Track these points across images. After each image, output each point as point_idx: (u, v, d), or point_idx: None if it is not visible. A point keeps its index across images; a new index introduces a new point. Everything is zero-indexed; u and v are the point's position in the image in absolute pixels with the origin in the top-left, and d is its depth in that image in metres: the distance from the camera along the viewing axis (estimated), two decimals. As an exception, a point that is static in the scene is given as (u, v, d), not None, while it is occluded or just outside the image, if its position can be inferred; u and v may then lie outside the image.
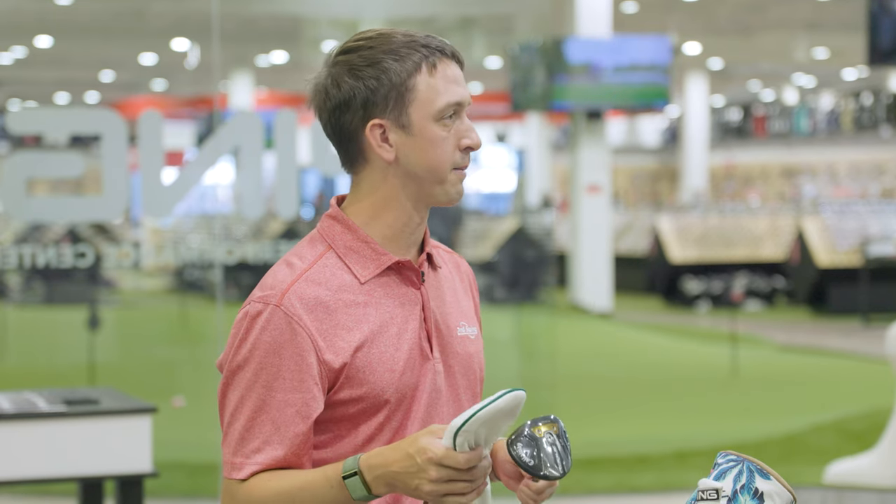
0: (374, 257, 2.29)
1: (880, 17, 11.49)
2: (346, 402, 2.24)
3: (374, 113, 2.25)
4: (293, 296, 2.22)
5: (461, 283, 2.45)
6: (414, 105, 2.24)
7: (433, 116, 2.25)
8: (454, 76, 2.26)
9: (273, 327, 2.21)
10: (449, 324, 2.35)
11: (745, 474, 2.11)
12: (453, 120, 2.26)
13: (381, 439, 2.26)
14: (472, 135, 2.28)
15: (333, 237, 2.30)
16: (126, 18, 17.03)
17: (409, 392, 2.27)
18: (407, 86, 2.24)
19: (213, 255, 7.40)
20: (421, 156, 2.26)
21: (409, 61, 2.23)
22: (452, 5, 15.69)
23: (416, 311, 2.30)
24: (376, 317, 2.26)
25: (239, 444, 2.21)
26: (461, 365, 2.36)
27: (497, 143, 35.05)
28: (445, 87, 2.25)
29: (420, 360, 2.29)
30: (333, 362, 2.21)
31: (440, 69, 2.25)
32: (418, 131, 2.25)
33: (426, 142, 2.25)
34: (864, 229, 17.88)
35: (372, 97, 2.24)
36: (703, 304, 18.83)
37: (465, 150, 2.28)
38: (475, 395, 2.40)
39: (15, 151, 7.53)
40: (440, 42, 2.27)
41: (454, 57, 2.28)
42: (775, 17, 21.20)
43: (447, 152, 2.26)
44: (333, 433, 2.26)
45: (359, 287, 2.27)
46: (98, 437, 4.31)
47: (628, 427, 9.57)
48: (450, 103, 2.25)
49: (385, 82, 2.23)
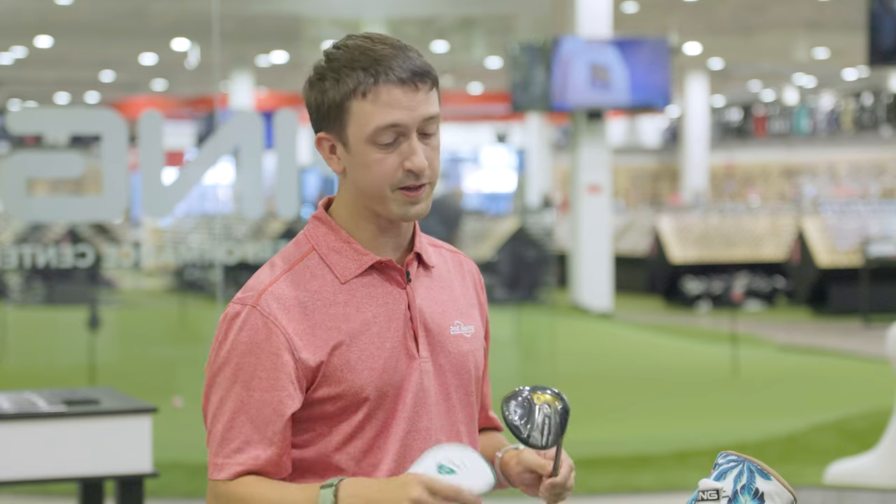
0: (356, 257, 2.31)
1: (881, 17, 11.49)
2: (324, 400, 2.26)
3: (321, 125, 2.30)
4: (269, 296, 2.26)
5: (462, 282, 2.45)
6: (350, 126, 2.26)
7: (366, 139, 2.25)
8: (391, 101, 2.24)
9: (249, 327, 2.24)
10: (441, 323, 2.36)
11: (745, 474, 2.11)
12: (398, 142, 2.25)
13: (363, 437, 2.27)
14: (415, 158, 2.25)
15: (317, 238, 2.33)
16: (126, 18, 17.02)
17: (393, 391, 2.28)
18: (342, 107, 2.26)
19: (213, 255, 7.40)
20: (359, 174, 2.28)
21: (345, 84, 2.25)
22: (452, 5, 15.69)
23: (400, 311, 2.31)
24: (357, 316, 2.28)
25: (220, 445, 2.24)
26: (453, 364, 2.36)
27: (497, 143, 35.06)
28: (378, 112, 2.23)
29: (405, 359, 2.30)
30: (310, 361, 2.24)
31: (374, 94, 2.23)
32: (355, 151, 2.27)
33: (362, 162, 2.27)
34: (865, 229, 17.88)
35: (318, 111, 2.29)
36: (704, 305, 18.83)
37: (409, 171, 2.27)
38: (468, 393, 2.40)
39: (15, 151, 7.53)
40: (394, 64, 2.24)
41: (404, 81, 2.24)
42: (775, 17, 21.19)
43: (385, 173, 2.26)
44: (313, 432, 2.28)
45: (339, 287, 2.29)
46: (98, 437, 4.31)
47: (628, 427, 9.57)
48: (380, 127, 2.24)
49: (326, 100, 2.27)
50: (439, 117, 2.29)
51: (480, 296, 2.49)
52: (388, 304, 2.31)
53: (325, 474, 2.27)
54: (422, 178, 2.26)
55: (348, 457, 2.27)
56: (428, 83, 2.26)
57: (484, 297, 2.51)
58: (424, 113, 2.26)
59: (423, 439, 2.31)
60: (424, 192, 2.28)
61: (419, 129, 2.26)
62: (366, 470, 2.27)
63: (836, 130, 29.82)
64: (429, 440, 2.31)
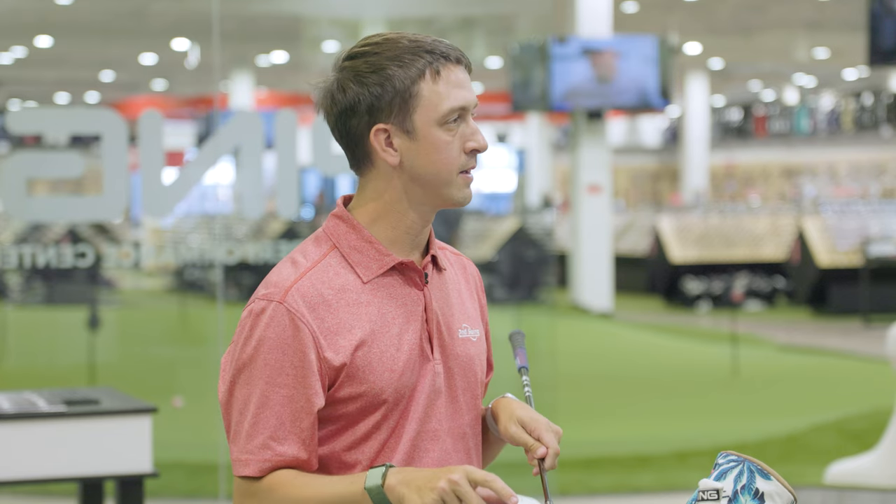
0: (378, 258, 2.30)
1: (881, 17, 11.48)
2: (345, 399, 2.26)
3: (378, 118, 2.27)
4: (296, 293, 2.25)
5: (467, 286, 2.46)
6: (418, 111, 2.26)
7: (437, 121, 2.27)
8: (458, 80, 2.28)
9: (276, 324, 2.23)
10: (451, 325, 2.37)
11: (745, 474, 2.11)
12: (458, 124, 2.28)
13: (377, 437, 2.28)
14: (478, 137, 2.30)
15: (338, 237, 2.32)
16: (126, 18, 17.01)
17: (408, 392, 2.29)
18: (410, 92, 2.26)
19: (213, 255, 7.39)
20: (426, 160, 2.28)
21: (413, 68, 2.25)
22: (452, 5, 15.68)
23: (418, 312, 2.32)
24: (378, 316, 2.28)
25: (247, 441, 2.24)
26: (461, 367, 2.37)
27: (497, 143, 35.05)
28: (449, 93, 2.27)
29: (420, 360, 2.31)
30: (333, 360, 2.24)
31: (444, 74, 2.27)
32: (423, 136, 2.27)
33: (430, 146, 2.27)
34: (865, 229, 17.87)
35: (376, 103, 2.26)
36: (704, 305, 18.83)
37: (471, 152, 2.30)
38: (475, 396, 2.41)
39: (15, 151, 7.52)
40: (446, 47, 2.29)
41: (460, 61, 2.29)
42: (775, 17, 21.19)
43: (452, 156, 2.28)
44: (331, 429, 2.28)
45: (361, 287, 2.29)
46: (98, 437, 4.31)
47: (628, 427, 9.57)
48: (453, 108, 2.27)
49: (389, 89, 2.25)
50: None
51: (481, 299, 2.51)
52: (408, 305, 2.31)
53: (338, 472, 2.28)
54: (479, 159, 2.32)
55: (361, 456, 2.28)
56: (469, 66, 2.32)
57: (484, 300, 2.52)
58: (475, 98, 2.32)
59: (431, 440, 2.31)
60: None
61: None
62: None
63: (836, 130, 29.82)
64: (437, 441, 2.32)
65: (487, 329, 2.50)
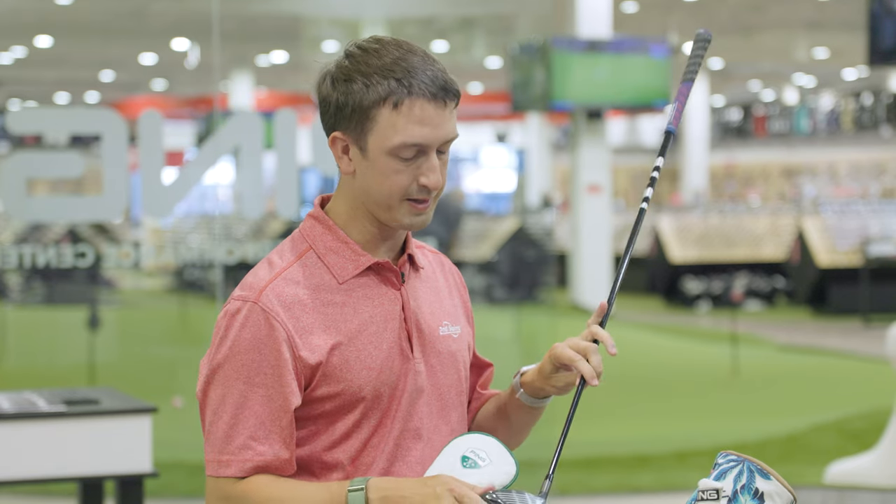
0: (353, 258, 2.31)
1: (881, 17, 11.48)
2: (322, 398, 2.26)
3: (339, 125, 2.26)
4: (271, 293, 2.25)
5: (446, 283, 2.46)
6: (372, 134, 2.23)
7: (388, 151, 2.23)
8: (423, 117, 2.22)
9: (252, 324, 2.23)
10: (431, 323, 2.37)
11: (745, 474, 2.11)
12: (416, 158, 2.24)
13: (358, 436, 2.28)
14: (432, 176, 2.25)
15: (314, 237, 2.33)
16: (126, 18, 17.01)
17: (388, 391, 2.29)
18: (368, 115, 2.23)
19: (213, 254, 7.40)
20: (373, 181, 2.26)
21: (375, 91, 2.22)
22: (452, 5, 15.67)
23: (395, 312, 2.32)
24: (354, 317, 2.28)
25: (225, 442, 2.23)
26: (444, 364, 2.38)
27: (497, 143, 35.05)
28: (405, 127, 2.21)
29: (400, 359, 2.31)
30: (309, 359, 2.24)
31: (406, 107, 2.21)
32: (373, 158, 2.25)
33: (378, 170, 2.25)
34: (865, 229, 17.87)
35: (339, 111, 2.25)
36: (704, 304, 18.83)
37: (423, 186, 2.26)
38: (459, 393, 2.41)
39: (15, 151, 7.52)
40: (428, 78, 2.23)
41: (435, 97, 2.23)
42: (775, 17, 21.19)
43: (398, 184, 2.24)
44: (310, 429, 2.28)
45: (337, 287, 2.29)
46: (98, 437, 4.31)
47: (628, 427, 9.57)
48: (405, 144, 2.22)
49: (350, 102, 2.23)
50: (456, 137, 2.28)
51: (463, 295, 2.50)
52: (384, 305, 2.31)
53: (320, 473, 2.28)
54: (433, 192, 2.27)
55: (343, 455, 2.28)
56: (454, 101, 2.25)
57: (466, 295, 2.52)
58: (448, 133, 2.25)
59: (415, 438, 2.31)
60: (431, 205, 2.28)
61: (438, 147, 2.25)
62: (360, 469, 2.27)
63: (836, 130, 29.83)
64: (420, 439, 2.32)
65: (472, 323, 2.50)
